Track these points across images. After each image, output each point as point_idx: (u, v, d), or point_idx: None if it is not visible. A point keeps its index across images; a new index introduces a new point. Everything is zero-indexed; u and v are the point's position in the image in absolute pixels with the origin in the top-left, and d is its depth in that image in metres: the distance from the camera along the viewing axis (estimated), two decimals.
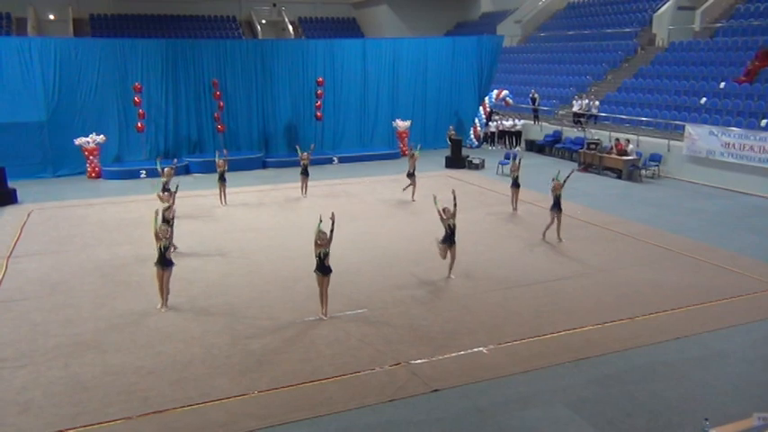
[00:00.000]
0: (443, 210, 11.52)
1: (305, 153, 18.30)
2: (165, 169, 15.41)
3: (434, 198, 12.13)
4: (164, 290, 10.41)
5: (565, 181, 13.65)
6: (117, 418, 7.36)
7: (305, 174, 18.24)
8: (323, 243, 9.74)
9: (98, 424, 7.26)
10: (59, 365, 8.59)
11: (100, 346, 9.20)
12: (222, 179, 17.12)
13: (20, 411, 7.50)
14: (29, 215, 16.54)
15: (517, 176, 16.18)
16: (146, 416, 7.42)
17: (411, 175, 18.03)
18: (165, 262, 10.27)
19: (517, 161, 16.47)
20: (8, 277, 12.00)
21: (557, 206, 13.62)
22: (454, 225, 11.51)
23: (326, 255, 9.80)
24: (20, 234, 14.85)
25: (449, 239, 11.48)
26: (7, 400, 7.72)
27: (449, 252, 11.62)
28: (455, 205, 11.71)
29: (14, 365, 8.59)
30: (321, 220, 9.79)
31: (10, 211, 17.05)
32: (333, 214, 9.96)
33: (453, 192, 12.01)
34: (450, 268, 11.76)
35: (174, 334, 9.58)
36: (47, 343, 9.25)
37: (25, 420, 7.32)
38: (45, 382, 8.17)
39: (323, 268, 9.85)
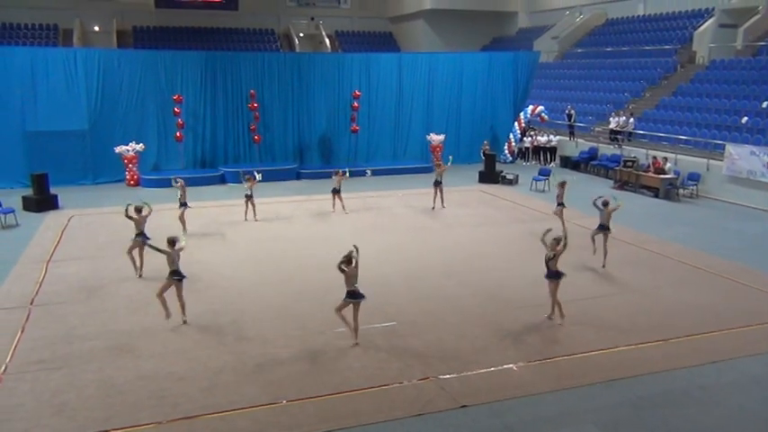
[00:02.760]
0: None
1: (340, 171, 18.38)
2: (180, 181, 15.98)
3: None
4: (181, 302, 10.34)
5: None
6: (148, 423, 7.46)
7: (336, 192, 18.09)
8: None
9: (129, 428, 7.36)
10: (94, 369, 8.75)
11: (133, 350, 9.35)
12: (248, 196, 17.11)
13: (54, 413, 7.64)
14: (69, 220, 16.95)
15: (561, 201, 15.46)
16: (175, 421, 7.51)
17: (438, 184, 18.28)
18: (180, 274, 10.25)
19: (563, 186, 15.63)
20: (47, 281, 12.29)
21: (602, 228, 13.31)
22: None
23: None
24: (60, 239, 15.22)
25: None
26: (42, 402, 7.89)
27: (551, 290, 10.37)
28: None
29: (50, 367, 8.78)
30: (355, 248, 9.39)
31: (51, 216, 17.49)
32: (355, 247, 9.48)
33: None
34: (553, 309, 10.54)
35: (206, 341, 9.68)
36: (82, 346, 9.44)
37: (59, 422, 7.46)
38: (79, 384, 8.32)
39: (357, 295, 9.44)
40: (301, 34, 41.55)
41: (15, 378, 8.46)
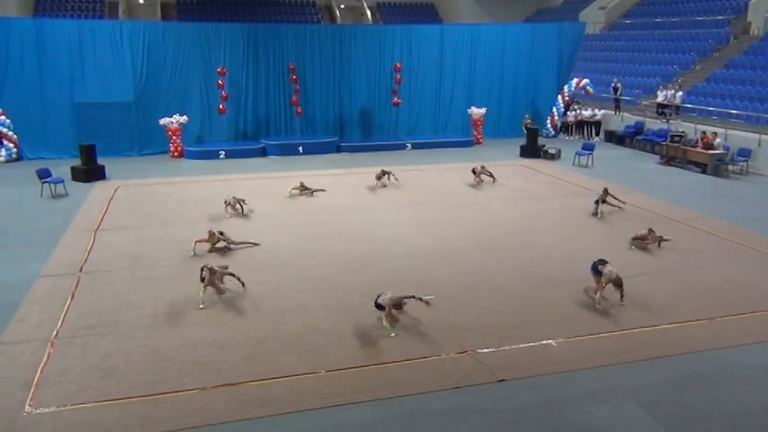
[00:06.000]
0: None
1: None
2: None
3: None
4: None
5: None
6: (192, 388, 7.67)
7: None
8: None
9: (175, 392, 7.58)
10: (140, 335, 9.00)
11: (178, 319, 9.58)
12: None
13: (102, 377, 7.91)
14: (116, 191, 17.35)
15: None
16: (219, 387, 7.70)
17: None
18: None
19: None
20: (95, 249, 12.63)
21: None
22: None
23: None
24: (107, 208, 15.60)
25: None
26: (92, 365, 8.16)
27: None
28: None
29: (99, 333, 9.07)
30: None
31: (99, 186, 17.94)
32: None
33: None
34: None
35: (248, 311, 9.87)
36: (129, 313, 9.71)
37: (108, 385, 7.72)
38: (127, 350, 8.58)
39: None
40: (342, 6, 41.30)
41: (66, 342, 8.77)
